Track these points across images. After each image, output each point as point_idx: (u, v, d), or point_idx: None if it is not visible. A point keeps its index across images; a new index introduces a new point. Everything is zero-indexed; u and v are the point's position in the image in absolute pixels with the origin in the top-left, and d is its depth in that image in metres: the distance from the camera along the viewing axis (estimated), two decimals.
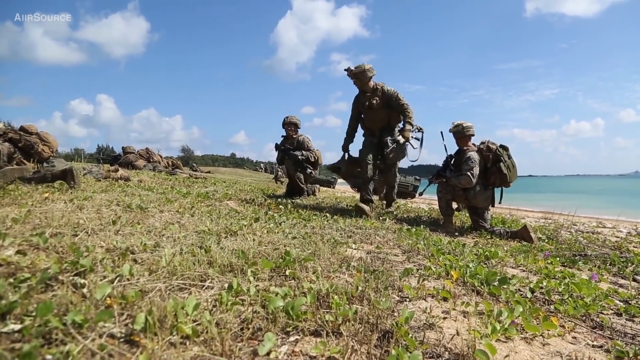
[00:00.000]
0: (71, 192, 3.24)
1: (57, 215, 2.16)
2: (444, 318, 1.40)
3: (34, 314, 0.92)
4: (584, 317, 1.63)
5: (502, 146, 4.35)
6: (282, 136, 6.61)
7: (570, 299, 1.80)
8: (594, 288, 1.96)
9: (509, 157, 4.31)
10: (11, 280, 1.13)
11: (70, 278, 1.22)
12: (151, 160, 11.93)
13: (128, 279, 1.29)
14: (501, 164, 4.24)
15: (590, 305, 1.70)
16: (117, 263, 1.45)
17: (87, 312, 0.97)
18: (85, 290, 1.15)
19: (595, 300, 1.81)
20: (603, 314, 1.70)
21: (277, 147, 6.58)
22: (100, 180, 4.89)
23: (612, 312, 1.77)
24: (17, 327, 0.89)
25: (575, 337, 1.42)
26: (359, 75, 4.83)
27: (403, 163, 5.35)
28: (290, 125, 6.49)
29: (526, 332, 1.35)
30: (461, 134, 4.43)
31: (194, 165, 20.55)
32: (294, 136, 6.51)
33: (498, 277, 1.88)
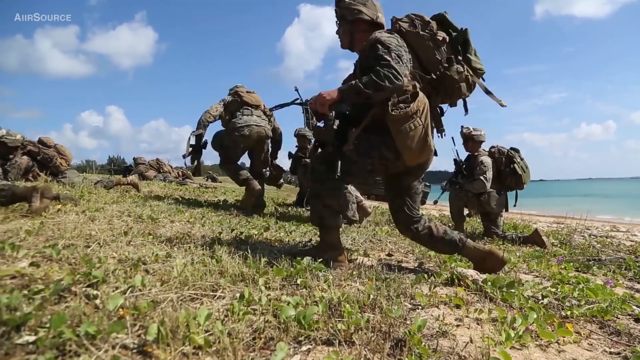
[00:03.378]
0: (79, 204, 3.28)
1: (70, 227, 2.18)
2: (457, 325, 1.38)
3: (48, 325, 0.93)
4: (600, 323, 1.60)
5: (513, 148, 4.37)
6: (296, 146, 6.69)
7: (585, 304, 1.77)
8: (609, 293, 1.92)
9: (522, 158, 4.32)
10: (25, 292, 1.14)
11: (83, 289, 1.23)
12: (161, 170, 12.03)
13: (140, 290, 1.29)
14: (515, 165, 4.23)
15: (607, 311, 1.67)
16: (129, 274, 1.46)
17: (100, 323, 0.98)
18: (98, 301, 1.16)
19: (611, 305, 1.78)
20: (619, 319, 1.67)
21: (290, 155, 6.66)
22: (110, 188, 4.94)
23: (630, 317, 1.74)
24: (32, 338, 0.90)
25: (591, 344, 1.39)
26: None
27: None
28: (300, 137, 6.58)
29: (541, 339, 1.33)
30: (472, 138, 4.43)
31: (209, 172, 19.01)
32: (308, 147, 6.58)
33: (509, 282, 1.86)
